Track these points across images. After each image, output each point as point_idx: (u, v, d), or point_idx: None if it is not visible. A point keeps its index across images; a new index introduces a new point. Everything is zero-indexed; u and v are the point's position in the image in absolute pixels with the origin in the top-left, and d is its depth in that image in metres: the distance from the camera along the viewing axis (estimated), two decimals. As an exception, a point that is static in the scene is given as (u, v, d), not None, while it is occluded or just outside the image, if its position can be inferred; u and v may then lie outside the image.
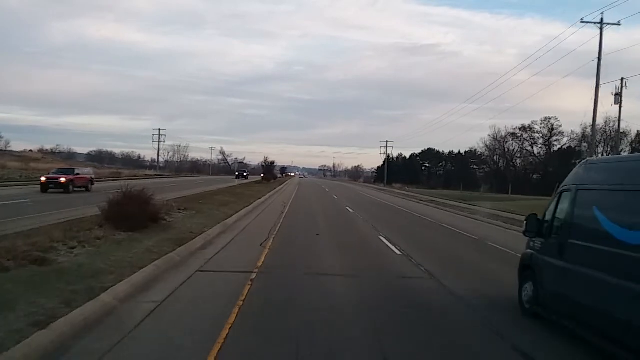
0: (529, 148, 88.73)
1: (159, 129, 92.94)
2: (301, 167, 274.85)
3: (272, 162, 62.43)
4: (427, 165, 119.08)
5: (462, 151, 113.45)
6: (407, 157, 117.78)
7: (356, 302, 7.11)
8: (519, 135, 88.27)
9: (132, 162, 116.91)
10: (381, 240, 14.14)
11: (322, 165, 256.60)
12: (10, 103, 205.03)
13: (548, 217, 6.66)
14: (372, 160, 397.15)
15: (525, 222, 7.06)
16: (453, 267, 10.46)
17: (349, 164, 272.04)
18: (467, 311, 7.03)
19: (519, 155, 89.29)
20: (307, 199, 35.52)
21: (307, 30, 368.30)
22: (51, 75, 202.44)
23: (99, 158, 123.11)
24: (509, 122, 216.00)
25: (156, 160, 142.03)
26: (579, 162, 7.07)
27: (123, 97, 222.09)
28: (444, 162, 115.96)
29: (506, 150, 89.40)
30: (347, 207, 28.58)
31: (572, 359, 5.33)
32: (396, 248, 12.55)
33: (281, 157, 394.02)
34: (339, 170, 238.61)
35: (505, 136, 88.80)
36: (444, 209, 32.52)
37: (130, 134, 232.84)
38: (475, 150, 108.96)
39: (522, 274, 7.14)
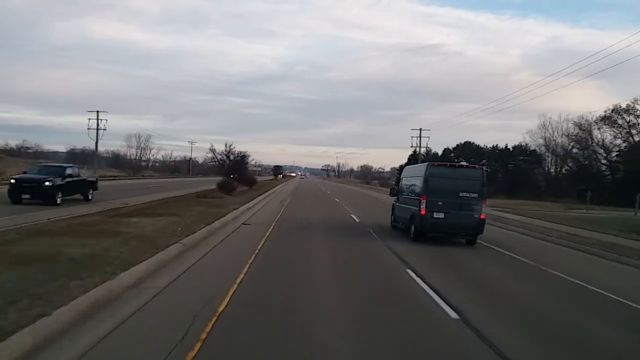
0: (626, 137, 61.34)
1: (97, 112, 65.21)
2: (303, 166, 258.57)
3: (242, 156, 34.66)
4: (464, 164, 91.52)
5: (510, 146, 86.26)
6: (439, 153, 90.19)
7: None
8: (614, 119, 60.69)
9: (119, 161, 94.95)
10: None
11: (326, 165, 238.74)
12: (13, 102, 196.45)
13: (397, 188, 19.20)
14: (378, 160, 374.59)
15: (390, 190, 21.58)
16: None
17: (353, 163, 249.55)
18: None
19: (619, 148, 61.49)
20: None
21: (310, 30, 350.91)
22: (54, 75, 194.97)
23: (83, 156, 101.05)
24: (513, 122, 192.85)
25: (146, 158, 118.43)
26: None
27: (125, 96, 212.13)
28: (486, 160, 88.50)
29: (601, 141, 61.50)
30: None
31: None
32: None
33: (283, 156, 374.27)
34: (343, 170, 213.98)
35: (595, 121, 61.14)
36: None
37: (133, 134, 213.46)
38: (526, 144, 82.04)
39: (391, 212, 19.18)
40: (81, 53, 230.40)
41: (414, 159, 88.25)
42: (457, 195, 14.72)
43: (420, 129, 69.06)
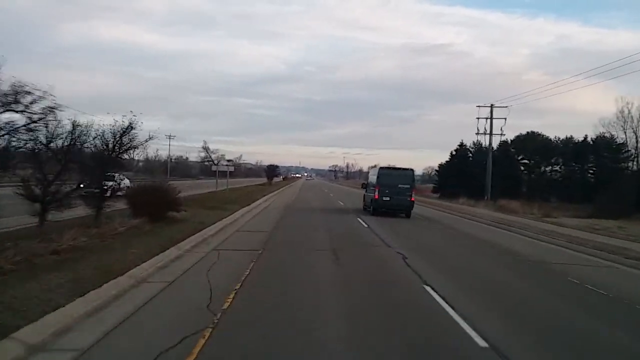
0: None
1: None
2: (309, 167, 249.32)
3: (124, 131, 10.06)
4: (527, 161, 66.05)
5: (590, 137, 60.65)
6: (494, 147, 64.55)
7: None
8: None
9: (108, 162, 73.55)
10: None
11: (333, 165, 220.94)
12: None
13: (366, 182, 29.22)
14: (386, 160, 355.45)
15: (361, 185, 34.92)
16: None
17: (362, 164, 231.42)
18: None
19: None
20: None
21: (317, 31, 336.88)
22: (61, 76, 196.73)
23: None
24: (520, 122, 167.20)
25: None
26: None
27: (132, 97, 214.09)
28: (558, 157, 63.18)
29: None
30: None
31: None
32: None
33: (289, 157, 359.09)
34: (352, 170, 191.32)
35: None
36: None
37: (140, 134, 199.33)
38: (612, 135, 57.00)
39: (362, 200, 29.39)
40: (88, 54, 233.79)
41: (459, 154, 63.55)
42: (397, 186, 24.28)
43: (492, 106, 44.26)
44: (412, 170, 26.05)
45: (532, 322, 6.85)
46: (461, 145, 65.23)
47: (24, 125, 8.39)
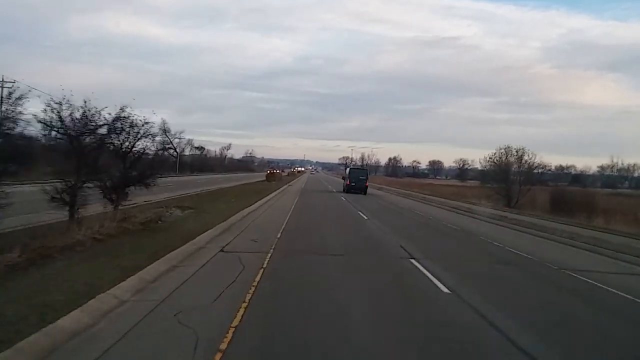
0: None
1: None
2: (314, 160, 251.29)
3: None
4: None
5: None
6: None
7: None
8: None
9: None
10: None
11: (344, 158, 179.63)
12: (30, 97, 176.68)
13: (343, 175, 52.45)
14: (393, 154, 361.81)
15: (342, 177, 53.74)
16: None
17: (380, 156, 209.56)
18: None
19: None
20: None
21: (327, 24, 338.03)
22: (70, 69, 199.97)
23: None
24: (527, 116, 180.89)
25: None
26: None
27: (140, 91, 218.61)
28: None
29: None
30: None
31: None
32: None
33: (295, 151, 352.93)
34: (367, 163, 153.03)
35: None
36: None
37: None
38: None
39: (343, 186, 47.67)
40: (98, 48, 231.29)
41: None
42: (359, 177, 45.50)
43: None
44: (367, 169, 59.71)
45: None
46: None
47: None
